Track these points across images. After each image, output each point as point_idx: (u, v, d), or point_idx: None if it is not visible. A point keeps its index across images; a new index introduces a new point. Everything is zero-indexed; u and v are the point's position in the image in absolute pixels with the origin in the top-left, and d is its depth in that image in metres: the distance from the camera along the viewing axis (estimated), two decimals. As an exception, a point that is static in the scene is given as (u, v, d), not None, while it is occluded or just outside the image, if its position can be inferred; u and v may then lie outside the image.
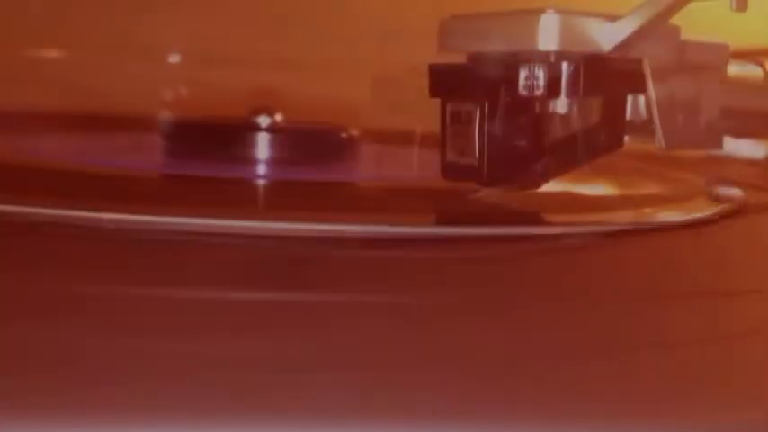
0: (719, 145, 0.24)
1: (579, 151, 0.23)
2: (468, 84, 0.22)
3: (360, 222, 0.19)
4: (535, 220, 0.22)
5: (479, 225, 0.20)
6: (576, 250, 0.20)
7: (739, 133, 0.28)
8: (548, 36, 0.21)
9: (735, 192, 0.27)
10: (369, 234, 0.19)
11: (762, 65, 0.27)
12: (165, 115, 0.32)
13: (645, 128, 0.24)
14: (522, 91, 0.21)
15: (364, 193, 0.26)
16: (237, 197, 0.24)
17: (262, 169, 0.28)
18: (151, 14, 0.44)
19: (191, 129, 0.30)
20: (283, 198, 0.25)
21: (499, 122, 0.21)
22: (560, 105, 0.22)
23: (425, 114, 0.23)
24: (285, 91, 0.39)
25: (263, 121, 0.29)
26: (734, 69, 0.25)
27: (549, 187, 0.23)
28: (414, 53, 0.25)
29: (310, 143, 0.29)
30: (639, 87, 0.23)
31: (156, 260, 0.17)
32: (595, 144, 0.23)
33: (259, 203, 0.25)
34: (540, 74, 0.21)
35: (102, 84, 0.43)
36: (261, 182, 0.28)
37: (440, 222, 0.22)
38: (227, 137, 0.29)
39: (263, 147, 0.29)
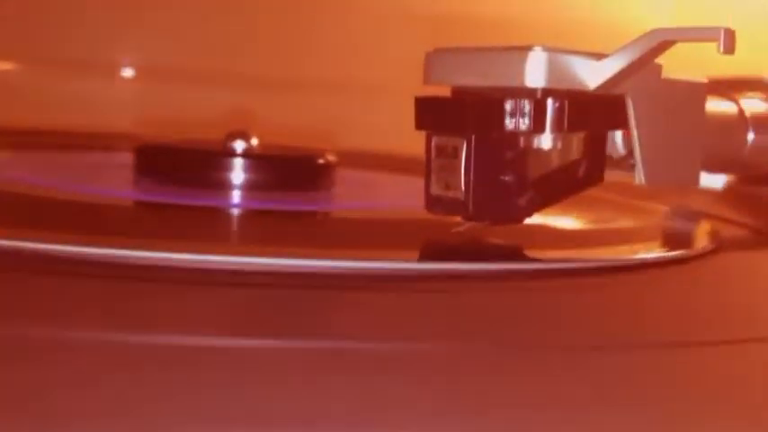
0: (697, 181, 0.25)
1: (562, 185, 0.23)
2: (455, 118, 0.22)
3: (347, 258, 0.19)
4: (520, 256, 0.22)
5: (462, 261, 0.20)
6: (548, 291, 0.19)
7: (710, 168, 0.28)
8: (535, 73, 0.21)
9: (707, 227, 0.28)
10: (354, 270, 0.19)
11: (736, 101, 0.28)
12: (135, 137, 0.32)
13: (623, 162, 0.25)
14: (508, 126, 0.21)
15: (344, 224, 0.26)
16: (211, 228, 0.24)
17: (236, 197, 0.28)
18: (121, 29, 0.44)
19: (162, 152, 0.30)
20: (259, 229, 0.25)
21: (485, 157, 0.21)
22: (545, 141, 0.22)
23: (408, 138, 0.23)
24: (262, 112, 0.39)
25: (239, 145, 0.29)
26: (709, 106, 0.25)
27: (528, 221, 0.23)
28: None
29: (286, 170, 0.29)
30: (621, 123, 0.23)
31: (125, 300, 0.15)
32: (578, 178, 0.23)
33: (233, 235, 0.25)
34: (527, 109, 0.21)
35: (67, 101, 0.43)
36: (235, 210, 0.27)
37: (424, 258, 0.21)
38: (201, 162, 0.29)
39: (238, 173, 0.28)
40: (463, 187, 0.21)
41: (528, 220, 0.22)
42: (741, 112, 0.28)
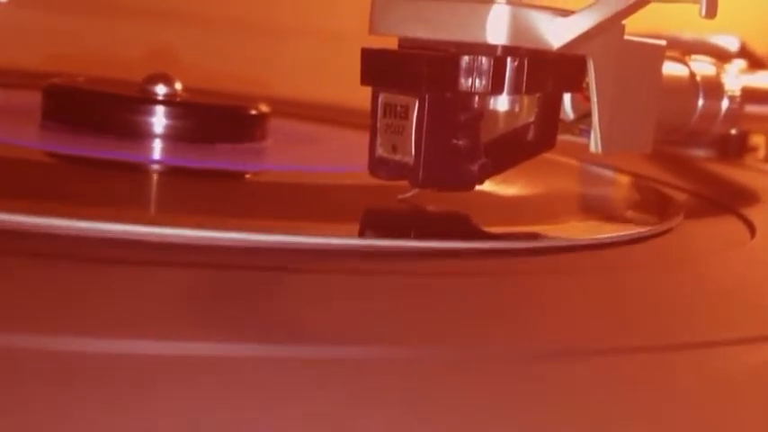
0: (649, 146, 0.24)
1: (515, 150, 0.22)
2: (407, 74, 0.20)
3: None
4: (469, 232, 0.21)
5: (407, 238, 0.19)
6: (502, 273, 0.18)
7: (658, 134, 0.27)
8: (497, 28, 0.19)
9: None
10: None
11: (687, 64, 0.27)
12: (41, 75, 0.29)
13: (572, 127, 0.23)
14: (463, 85, 0.19)
15: (275, 189, 0.23)
16: (124, 188, 0.21)
17: (156, 150, 0.26)
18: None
19: (72, 95, 0.27)
20: (180, 191, 0.22)
21: (438, 118, 0.20)
22: (501, 102, 0.20)
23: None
24: (185, 53, 0.36)
25: (160, 90, 0.27)
26: (664, 69, 0.24)
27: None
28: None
29: (214, 120, 0.27)
30: (576, 86, 0.22)
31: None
32: (529, 143, 0.22)
33: (150, 198, 0.22)
34: (485, 68, 0.19)
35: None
36: (154, 167, 0.25)
37: (365, 230, 0.20)
38: (117, 108, 0.26)
39: (158, 122, 0.26)
40: (413, 151, 0.20)
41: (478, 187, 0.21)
42: (692, 75, 0.27)
